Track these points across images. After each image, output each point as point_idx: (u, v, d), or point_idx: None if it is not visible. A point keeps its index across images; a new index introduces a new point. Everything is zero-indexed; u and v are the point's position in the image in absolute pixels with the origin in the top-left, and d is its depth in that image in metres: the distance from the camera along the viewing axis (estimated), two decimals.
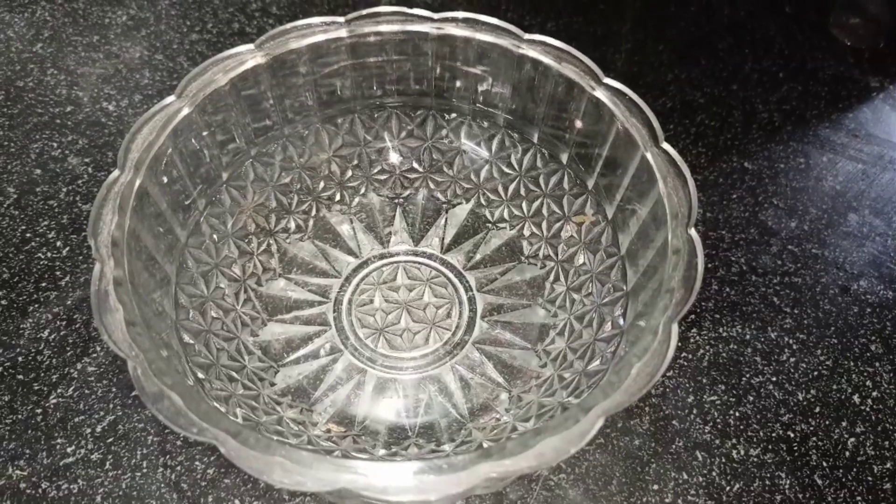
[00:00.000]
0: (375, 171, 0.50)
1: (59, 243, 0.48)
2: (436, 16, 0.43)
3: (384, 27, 0.43)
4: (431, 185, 0.50)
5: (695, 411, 0.43)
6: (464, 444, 0.40)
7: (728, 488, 0.41)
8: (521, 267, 0.47)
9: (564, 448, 0.30)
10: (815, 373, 0.45)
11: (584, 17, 0.64)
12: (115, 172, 0.36)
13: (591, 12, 0.64)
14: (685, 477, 0.41)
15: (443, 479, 0.29)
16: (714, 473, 0.41)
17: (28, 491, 0.39)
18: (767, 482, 0.41)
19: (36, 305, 0.46)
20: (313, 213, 0.49)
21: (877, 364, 0.45)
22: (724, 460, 0.42)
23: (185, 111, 0.39)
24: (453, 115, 0.48)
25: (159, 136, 0.38)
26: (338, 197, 0.49)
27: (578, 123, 0.43)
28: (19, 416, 0.42)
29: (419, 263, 0.48)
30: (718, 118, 0.56)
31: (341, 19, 0.42)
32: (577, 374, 0.40)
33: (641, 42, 0.62)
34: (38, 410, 0.42)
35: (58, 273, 0.47)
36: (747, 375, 0.44)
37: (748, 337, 0.46)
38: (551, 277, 0.46)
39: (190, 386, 0.32)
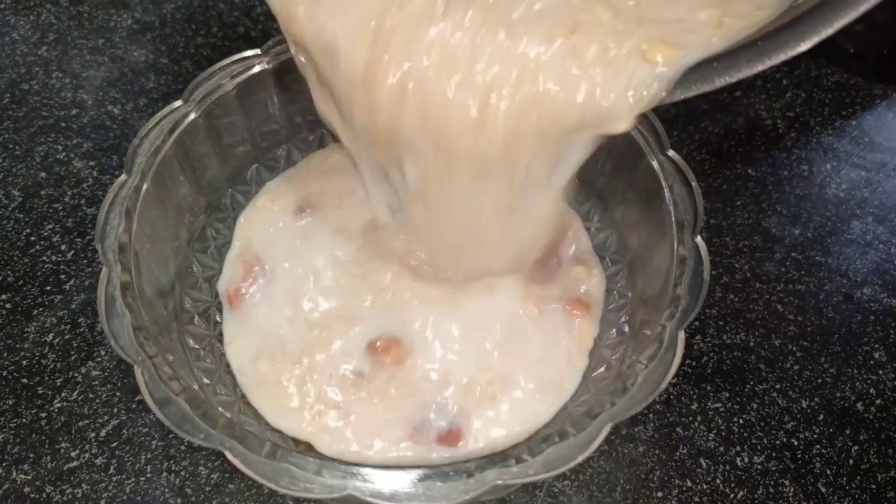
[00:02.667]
0: None
1: (63, 247, 0.48)
2: None
3: None
4: None
5: (699, 418, 0.43)
6: None
7: (732, 496, 0.41)
8: None
9: (571, 455, 0.30)
10: (819, 380, 0.45)
11: None
12: (123, 177, 0.37)
13: None
14: (689, 484, 0.41)
15: (450, 485, 0.29)
16: (718, 481, 0.41)
17: (32, 495, 0.39)
18: (771, 490, 0.41)
19: (40, 309, 0.46)
20: None
21: (880, 372, 0.45)
22: (728, 468, 0.42)
23: (192, 116, 0.39)
24: None
25: (166, 141, 0.38)
26: None
27: None
28: (23, 420, 0.42)
29: None
30: (722, 125, 0.56)
31: None
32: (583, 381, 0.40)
33: None
34: (43, 414, 0.42)
35: (62, 277, 0.47)
36: (751, 383, 0.45)
37: (752, 344, 0.46)
38: None
39: (196, 391, 0.32)
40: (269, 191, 0.47)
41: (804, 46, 0.26)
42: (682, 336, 0.33)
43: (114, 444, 0.41)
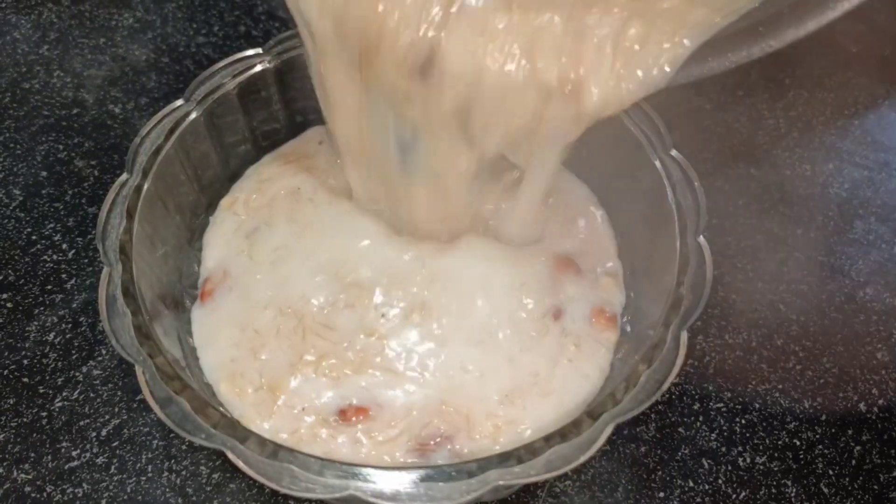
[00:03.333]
0: None
1: (64, 246, 0.48)
2: None
3: None
4: None
5: (701, 418, 0.43)
6: None
7: (734, 496, 0.41)
8: None
9: (573, 455, 0.30)
10: (821, 381, 0.45)
11: None
12: (124, 176, 0.37)
13: None
14: (691, 484, 0.41)
15: (451, 485, 0.29)
16: (720, 481, 0.41)
17: (33, 495, 0.39)
18: (773, 490, 0.41)
19: (41, 308, 0.45)
20: None
21: (883, 372, 0.45)
22: (730, 468, 0.41)
23: (194, 115, 0.39)
24: None
25: (167, 140, 0.38)
26: None
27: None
28: (24, 420, 0.42)
29: None
30: (724, 124, 0.56)
31: None
32: None
33: None
34: (44, 414, 0.42)
35: (63, 276, 0.47)
36: (753, 383, 0.44)
37: (754, 344, 0.46)
38: None
39: (197, 391, 0.32)
40: (234, 190, 0.45)
41: (811, 27, 0.27)
42: (684, 336, 0.33)
43: (115, 444, 0.41)
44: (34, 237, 0.48)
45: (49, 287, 0.46)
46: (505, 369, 0.38)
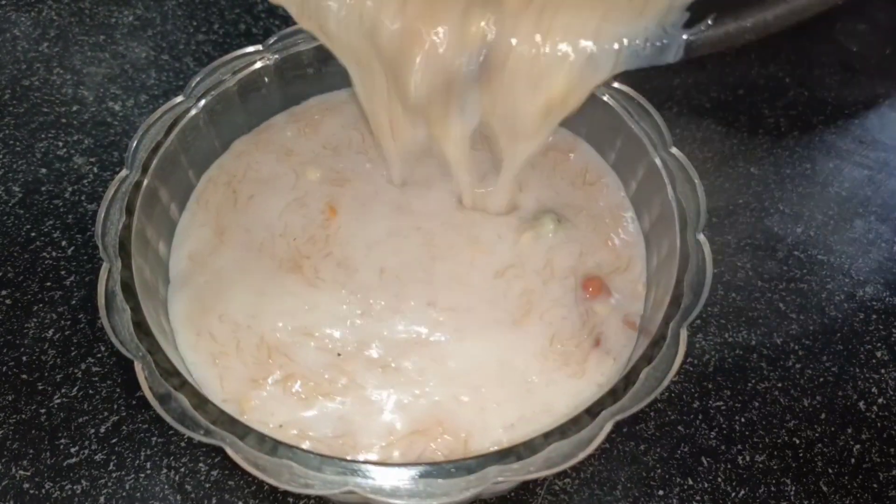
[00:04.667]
0: None
1: (63, 243, 0.48)
2: None
3: None
4: None
5: (700, 417, 0.43)
6: None
7: (733, 494, 0.41)
8: None
9: (572, 453, 0.30)
10: (821, 379, 0.45)
11: None
12: (123, 172, 0.37)
13: None
14: (690, 482, 0.41)
15: (450, 482, 0.29)
16: (719, 479, 0.41)
17: (31, 491, 0.39)
18: (773, 488, 0.41)
19: (40, 305, 0.45)
20: None
21: (882, 371, 0.45)
22: (729, 466, 0.41)
23: (193, 111, 0.39)
24: None
25: (167, 136, 0.38)
26: None
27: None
28: (23, 416, 0.41)
29: None
30: (725, 123, 0.56)
31: None
32: None
33: None
34: (42, 410, 0.42)
35: (62, 272, 0.47)
36: (753, 381, 0.44)
37: (754, 342, 0.46)
38: None
39: (196, 387, 0.32)
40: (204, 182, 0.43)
41: None
42: (684, 334, 0.33)
43: (113, 441, 0.41)
44: (33, 234, 0.48)
45: (48, 284, 0.46)
46: (516, 403, 0.36)
